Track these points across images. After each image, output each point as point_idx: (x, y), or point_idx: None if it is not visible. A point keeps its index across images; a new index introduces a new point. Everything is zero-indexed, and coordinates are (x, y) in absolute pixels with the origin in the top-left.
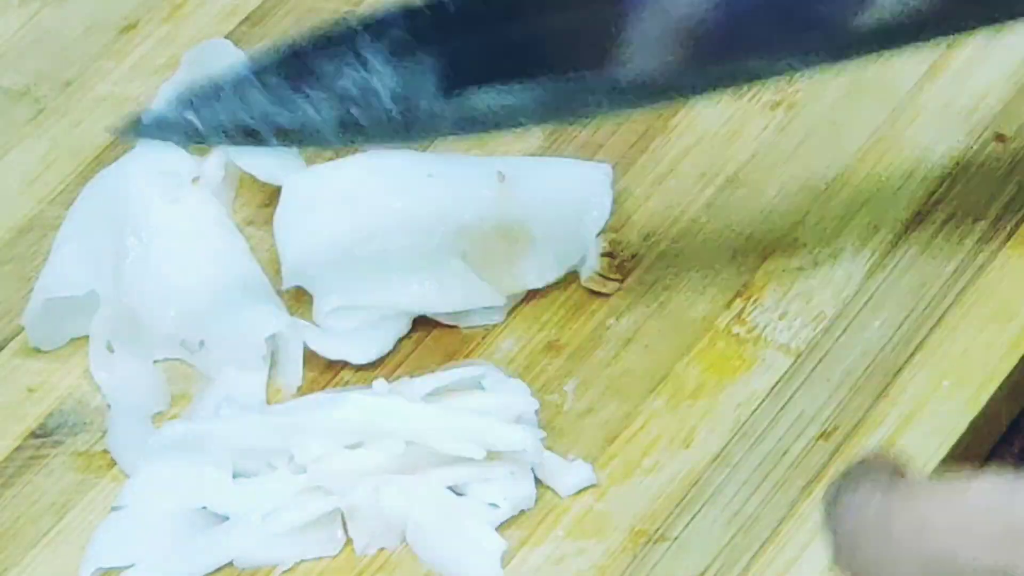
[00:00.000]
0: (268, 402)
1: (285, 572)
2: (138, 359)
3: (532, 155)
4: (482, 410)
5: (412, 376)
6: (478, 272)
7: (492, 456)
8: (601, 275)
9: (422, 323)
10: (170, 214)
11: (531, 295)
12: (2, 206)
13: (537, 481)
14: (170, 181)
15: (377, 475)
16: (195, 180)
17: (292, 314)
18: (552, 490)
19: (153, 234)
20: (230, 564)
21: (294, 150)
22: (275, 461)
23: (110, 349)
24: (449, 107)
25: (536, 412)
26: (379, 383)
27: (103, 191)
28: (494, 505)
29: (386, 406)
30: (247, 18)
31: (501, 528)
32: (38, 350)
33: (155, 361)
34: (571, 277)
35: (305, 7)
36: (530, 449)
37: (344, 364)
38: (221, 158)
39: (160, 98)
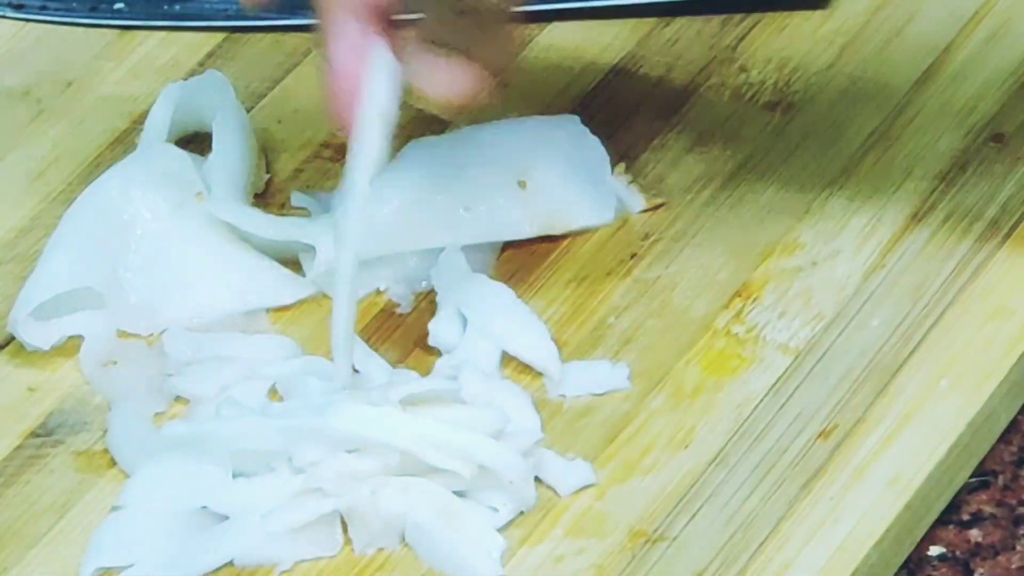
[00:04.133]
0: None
1: (284, 572)
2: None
3: None
4: (472, 422)
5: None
6: None
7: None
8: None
9: None
10: (176, 218)
11: (530, 295)
12: (4, 206)
13: (537, 480)
14: (173, 185)
15: (375, 478)
16: (198, 195)
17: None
18: (552, 489)
19: (160, 236)
20: (230, 564)
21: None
22: (274, 462)
23: (112, 363)
24: None
25: (535, 408)
26: (376, 393)
27: (98, 198)
28: (494, 509)
29: (379, 417)
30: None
31: (500, 527)
32: (38, 349)
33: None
34: (571, 276)
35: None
36: (518, 471)
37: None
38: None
39: (161, 99)
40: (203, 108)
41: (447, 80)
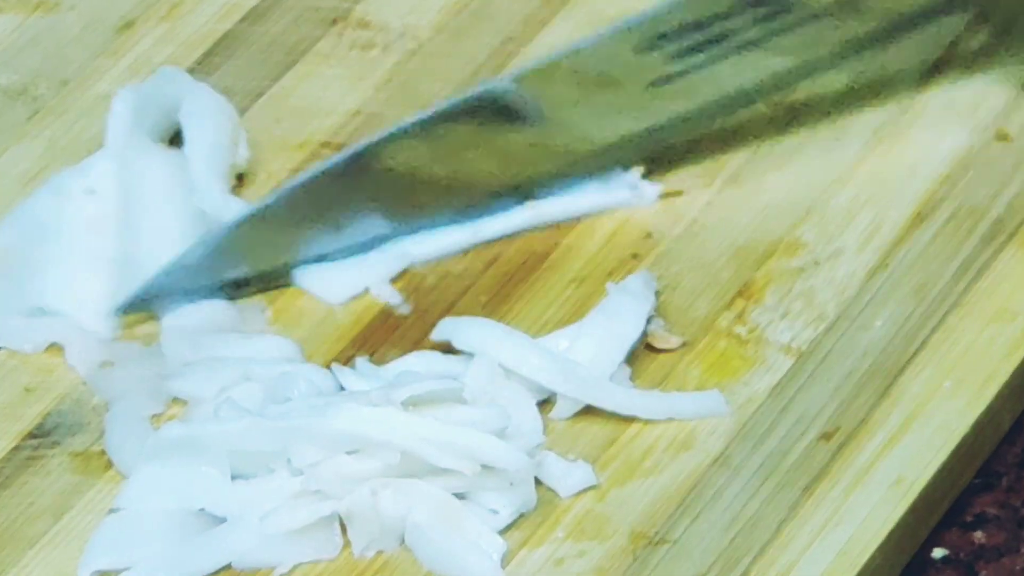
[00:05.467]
0: None
1: (283, 574)
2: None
3: None
4: (473, 422)
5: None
6: None
7: (489, 466)
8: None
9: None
10: (50, 206)
11: (530, 295)
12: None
13: (537, 481)
14: (63, 174)
15: (375, 479)
16: (90, 192)
17: None
18: (552, 491)
19: (29, 223)
20: (228, 566)
21: None
22: (273, 464)
23: (110, 364)
24: None
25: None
26: (376, 393)
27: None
28: (494, 511)
29: (380, 417)
30: (245, 16)
31: (501, 529)
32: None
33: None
34: (572, 276)
35: (304, 5)
36: (521, 468)
37: None
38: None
39: (116, 107)
40: (174, 103)
41: None
